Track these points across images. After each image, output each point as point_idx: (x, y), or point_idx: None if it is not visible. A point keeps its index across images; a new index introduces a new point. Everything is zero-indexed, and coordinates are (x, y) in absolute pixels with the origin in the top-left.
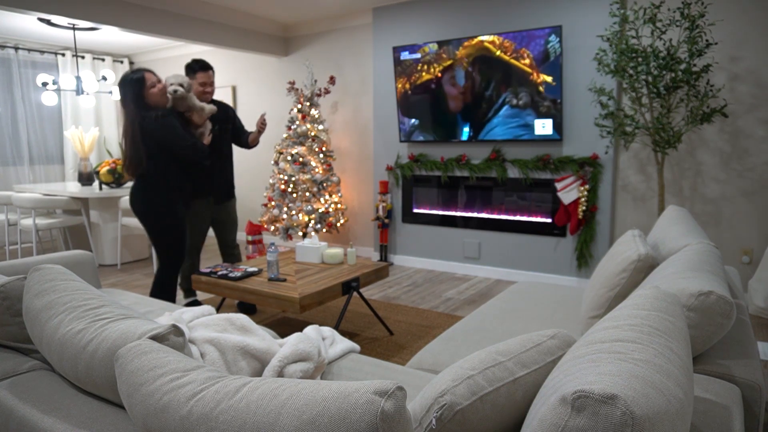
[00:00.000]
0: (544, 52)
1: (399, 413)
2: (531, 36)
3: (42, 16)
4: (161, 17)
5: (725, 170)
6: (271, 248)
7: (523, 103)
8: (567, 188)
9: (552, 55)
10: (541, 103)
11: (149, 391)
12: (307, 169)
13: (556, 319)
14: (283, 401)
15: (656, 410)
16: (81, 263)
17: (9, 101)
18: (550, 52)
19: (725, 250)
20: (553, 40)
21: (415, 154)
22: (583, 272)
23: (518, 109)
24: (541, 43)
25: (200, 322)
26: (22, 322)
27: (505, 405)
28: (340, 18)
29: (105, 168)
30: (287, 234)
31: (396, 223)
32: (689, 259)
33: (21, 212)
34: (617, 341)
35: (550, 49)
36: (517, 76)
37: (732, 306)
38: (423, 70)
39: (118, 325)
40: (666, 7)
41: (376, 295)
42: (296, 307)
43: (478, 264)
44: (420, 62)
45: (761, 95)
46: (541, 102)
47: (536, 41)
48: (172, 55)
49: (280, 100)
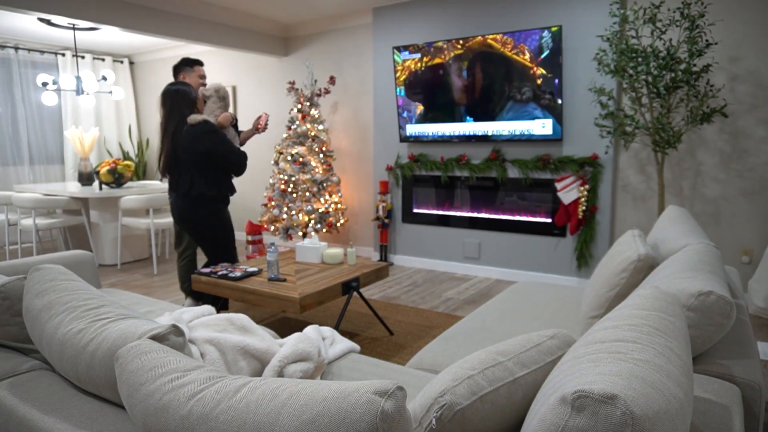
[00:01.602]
0: (544, 52)
1: (399, 413)
2: (531, 36)
3: (42, 16)
4: (161, 17)
5: (725, 170)
6: (271, 248)
7: (526, 98)
8: (567, 188)
9: (552, 55)
10: (540, 102)
11: (149, 391)
12: (307, 169)
13: (556, 319)
14: (283, 401)
15: (656, 410)
16: (81, 263)
17: (9, 101)
18: (550, 51)
19: (725, 250)
20: (552, 40)
21: (415, 154)
22: (583, 272)
23: (521, 103)
24: (541, 43)
25: (200, 322)
26: (22, 322)
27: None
28: (340, 18)
29: (105, 168)
30: (287, 234)
31: (396, 223)
32: (689, 259)
33: (21, 212)
34: (617, 341)
35: (550, 49)
36: (518, 75)
37: (732, 306)
38: (426, 62)
39: (118, 325)
40: (666, 7)
41: (376, 295)
42: (296, 307)
43: (478, 264)
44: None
45: (761, 95)
46: (540, 102)
47: (536, 41)
48: (172, 55)
49: (280, 100)
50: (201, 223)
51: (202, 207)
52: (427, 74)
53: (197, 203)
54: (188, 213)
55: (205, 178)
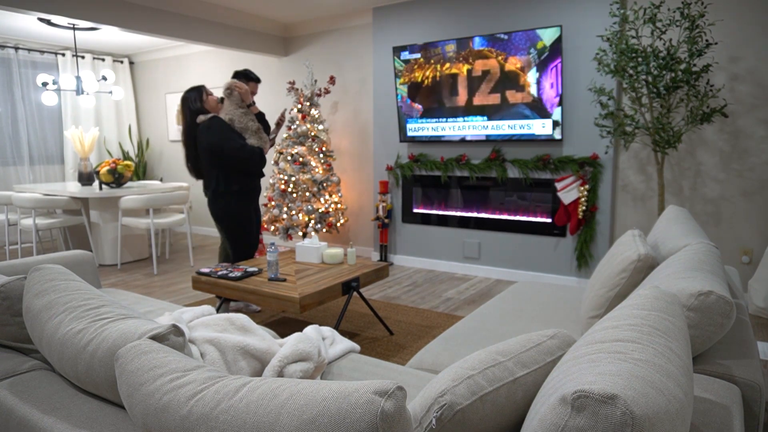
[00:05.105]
0: (544, 52)
1: (399, 413)
2: (531, 36)
3: (42, 16)
4: (161, 17)
5: (725, 170)
6: (271, 248)
7: (526, 98)
8: (567, 188)
9: (552, 55)
10: (540, 102)
11: (149, 391)
12: (307, 169)
13: (556, 319)
14: (283, 401)
15: (656, 410)
16: (81, 263)
17: (9, 101)
18: (549, 52)
19: (725, 250)
20: (552, 40)
21: (415, 154)
22: (583, 272)
23: (521, 103)
24: (540, 43)
25: (200, 322)
26: (22, 322)
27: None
28: (340, 18)
29: (105, 168)
30: (287, 234)
31: (396, 223)
32: (689, 259)
33: (21, 212)
34: (617, 341)
35: (549, 49)
36: (519, 75)
37: (732, 306)
38: (426, 62)
39: (118, 325)
40: (666, 7)
41: (376, 295)
42: (296, 307)
43: (478, 264)
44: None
45: (761, 95)
46: (540, 102)
47: (536, 41)
48: (172, 55)
49: (280, 100)
50: (218, 217)
51: (216, 202)
52: (428, 74)
53: (213, 199)
54: (210, 208)
55: (218, 174)
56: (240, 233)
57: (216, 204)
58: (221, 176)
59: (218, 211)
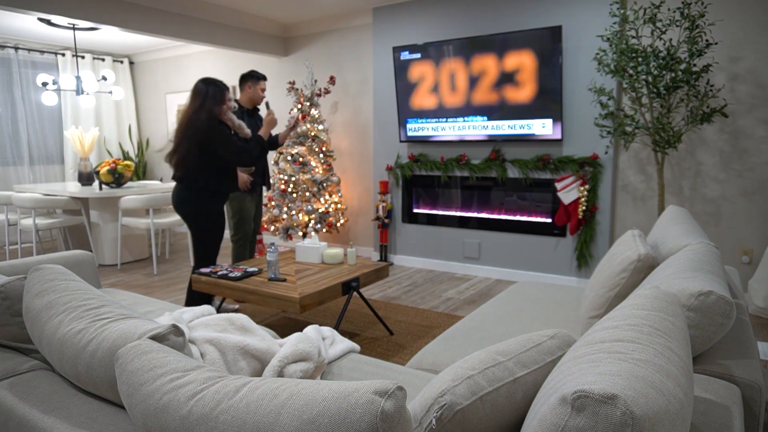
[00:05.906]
0: (544, 52)
1: (399, 413)
2: (531, 35)
3: (42, 16)
4: (161, 17)
5: (725, 170)
6: (271, 248)
7: (526, 98)
8: (567, 188)
9: (552, 55)
10: (540, 102)
11: (149, 391)
12: (307, 169)
13: (556, 319)
14: (283, 401)
15: (656, 410)
16: (81, 263)
17: (9, 101)
18: (549, 51)
19: (725, 250)
20: (552, 40)
21: (415, 154)
22: (583, 272)
23: (521, 103)
24: (540, 43)
25: (200, 322)
26: (22, 322)
27: (505, 405)
28: (340, 18)
29: (105, 168)
30: (287, 234)
31: (396, 223)
32: (689, 259)
33: (21, 212)
34: (617, 341)
35: (549, 49)
36: (518, 75)
37: (732, 306)
38: (426, 66)
39: (118, 325)
40: (666, 7)
41: (376, 295)
42: (296, 307)
43: (478, 264)
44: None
45: (761, 95)
46: (540, 102)
47: (536, 41)
48: (172, 55)
49: (280, 100)
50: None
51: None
52: (428, 74)
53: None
54: (185, 206)
55: (208, 173)
56: (214, 237)
57: (197, 203)
58: (211, 176)
59: (198, 210)
